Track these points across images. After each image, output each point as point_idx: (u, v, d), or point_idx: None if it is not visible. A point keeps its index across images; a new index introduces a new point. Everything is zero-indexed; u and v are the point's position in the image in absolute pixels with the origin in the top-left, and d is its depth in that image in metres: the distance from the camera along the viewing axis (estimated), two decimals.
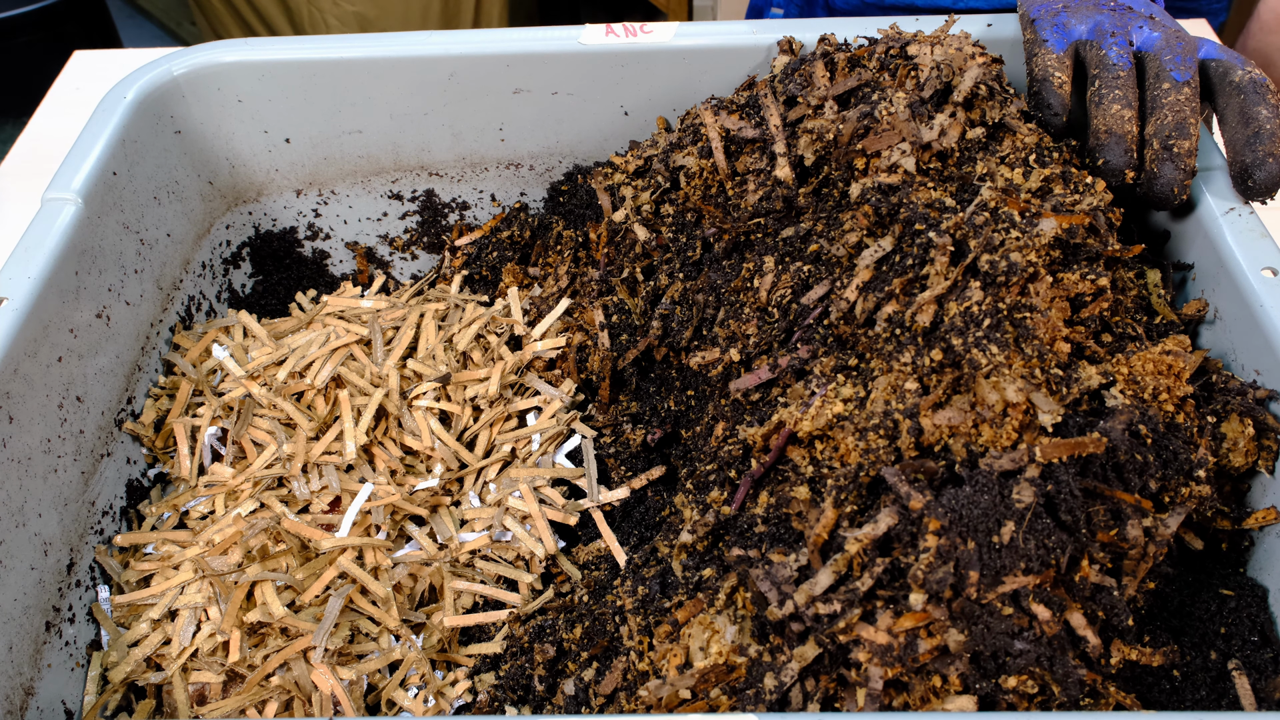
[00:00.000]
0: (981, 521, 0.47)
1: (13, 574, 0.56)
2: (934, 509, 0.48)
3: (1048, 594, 0.47)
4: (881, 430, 0.52)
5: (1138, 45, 0.65)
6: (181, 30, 2.53)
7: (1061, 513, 0.48)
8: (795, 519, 0.53)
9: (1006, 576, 0.47)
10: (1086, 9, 0.68)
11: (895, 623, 0.47)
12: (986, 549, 0.47)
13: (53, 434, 0.61)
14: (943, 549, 0.47)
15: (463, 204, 0.86)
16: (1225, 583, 0.55)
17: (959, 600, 0.47)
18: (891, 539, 0.49)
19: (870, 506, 0.51)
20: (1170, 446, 0.52)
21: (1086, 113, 0.64)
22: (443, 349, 0.74)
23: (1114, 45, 0.65)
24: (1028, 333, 0.52)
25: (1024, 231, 0.54)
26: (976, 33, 0.75)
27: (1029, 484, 0.48)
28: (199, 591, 0.61)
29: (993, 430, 0.50)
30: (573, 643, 0.59)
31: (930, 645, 0.46)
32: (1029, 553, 0.47)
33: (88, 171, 0.66)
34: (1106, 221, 0.58)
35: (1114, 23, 0.66)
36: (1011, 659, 0.47)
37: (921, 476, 0.50)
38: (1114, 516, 0.50)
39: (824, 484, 0.53)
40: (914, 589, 0.47)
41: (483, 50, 0.76)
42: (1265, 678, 0.51)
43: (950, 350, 0.52)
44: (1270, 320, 0.54)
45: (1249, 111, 0.60)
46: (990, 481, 0.48)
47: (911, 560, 0.48)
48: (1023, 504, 0.47)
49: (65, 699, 0.58)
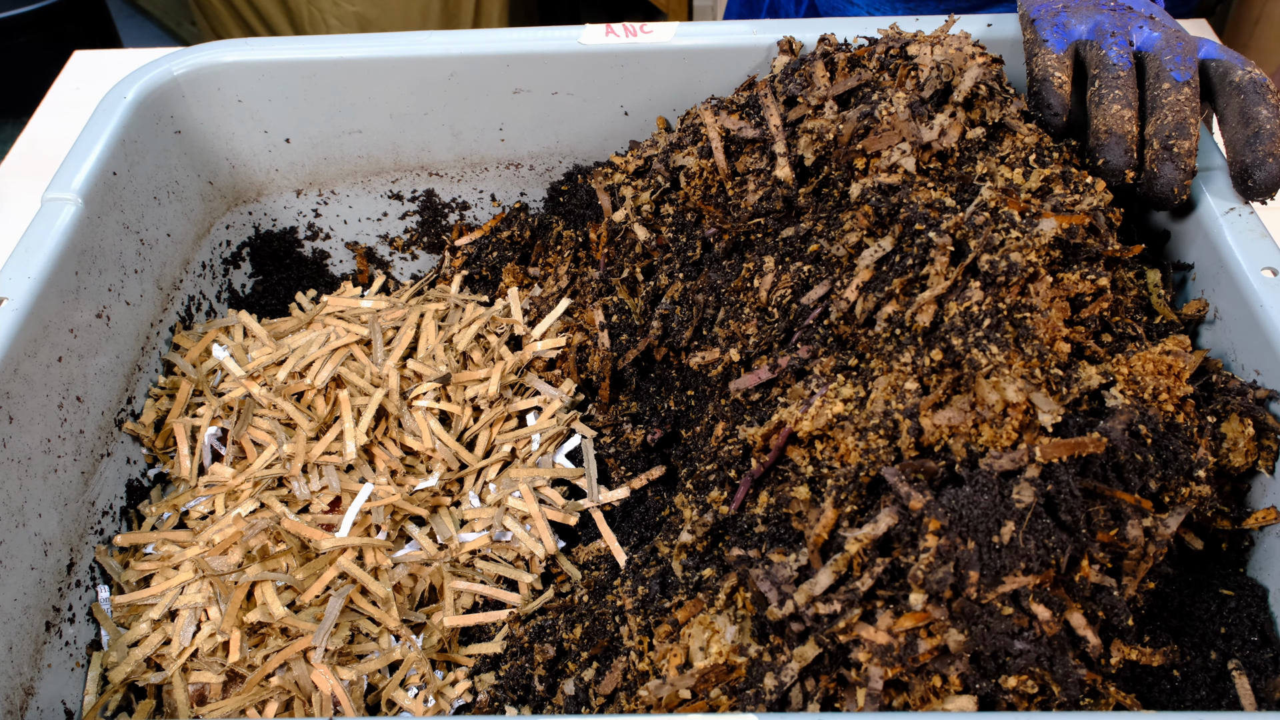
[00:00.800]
0: (981, 521, 0.47)
1: (13, 574, 0.56)
2: (934, 509, 0.48)
3: (1048, 594, 0.47)
4: (882, 430, 0.52)
5: (1138, 45, 0.65)
6: (181, 30, 2.53)
7: (1061, 512, 0.49)
8: (795, 519, 0.53)
9: (1006, 576, 0.47)
10: (1086, 9, 0.68)
11: (895, 623, 0.47)
12: (986, 549, 0.47)
13: (53, 434, 0.61)
14: (943, 549, 0.47)
15: (463, 204, 0.86)
16: (1225, 583, 0.55)
17: (959, 600, 0.47)
18: (891, 539, 0.49)
19: (870, 506, 0.51)
20: (1170, 446, 0.52)
21: (1086, 113, 0.64)
22: (442, 349, 0.74)
23: (1114, 45, 0.65)
24: (1028, 333, 0.52)
25: (1024, 231, 0.54)
26: (977, 32, 0.75)
27: (1029, 484, 0.48)
28: (199, 592, 0.61)
29: (993, 430, 0.50)
30: (573, 643, 0.59)
31: (930, 645, 0.46)
32: (1029, 553, 0.47)
33: (88, 171, 0.66)
34: (1106, 221, 0.58)
35: (1114, 22, 0.66)
36: (1011, 659, 0.47)
37: (921, 476, 0.50)
38: (1114, 516, 0.50)
39: (824, 484, 0.53)
40: (914, 589, 0.47)
41: (483, 50, 0.76)
42: (1265, 678, 0.51)
43: (950, 350, 0.52)
44: (1270, 320, 0.54)
45: (1249, 111, 0.60)
46: (990, 481, 0.48)
47: (911, 560, 0.48)
48: (1023, 504, 0.47)
49: (65, 699, 0.58)
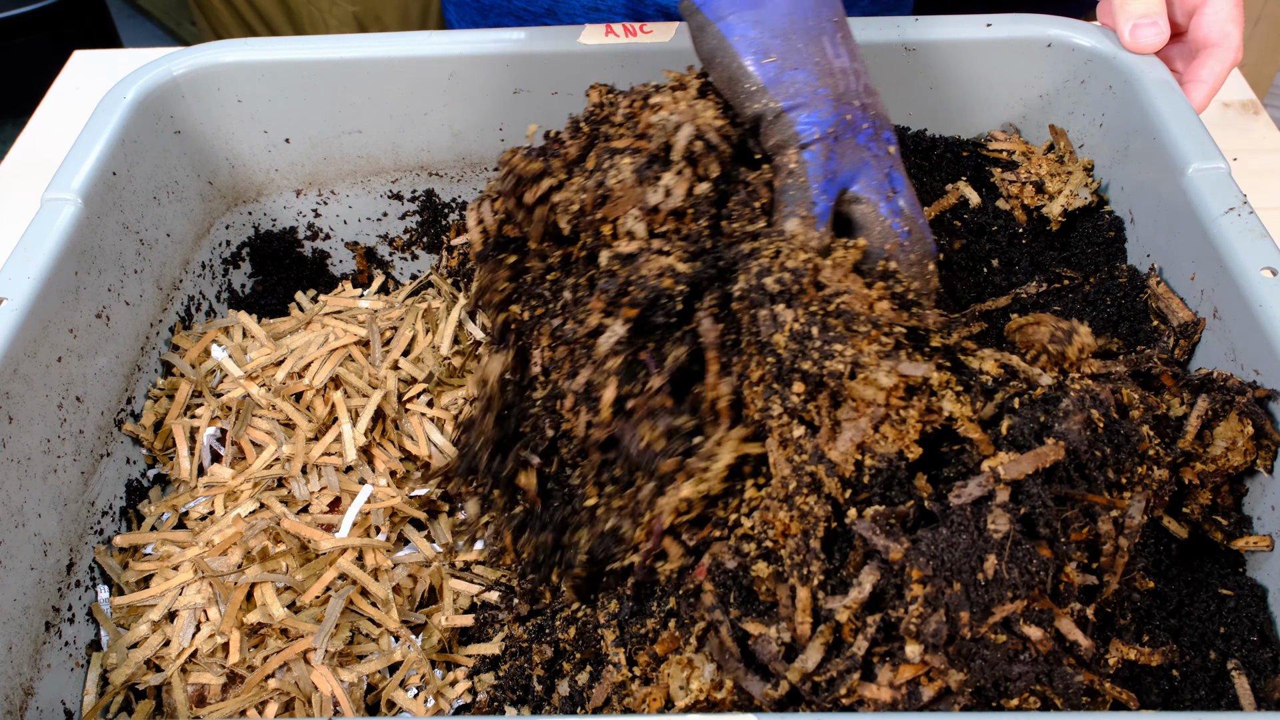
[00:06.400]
0: (964, 561, 0.47)
1: (12, 574, 0.56)
2: (914, 558, 0.47)
3: (1036, 613, 0.47)
4: (804, 489, 0.50)
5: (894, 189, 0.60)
6: (181, 30, 2.53)
7: (1040, 526, 0.48)
8: (764, 594, 0.52)
9: (996, 608, 0.46)
10: (851, 134, 0.58)
11: (895, 675, 0.46)
12: (973, 587, 0.46)
13: (53, 434, 0.61)
14: (930, 596, 0.46)
15: (463, 204, 0.86)
16: (1225, 583, 0.55)
17: (954, 644, 0.47)
18: (878, 595, 0.49)
19: (833, 556, 0.51)
20: (1121, 430, 0.52)
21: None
22: (431, 352, 0.74)
23: (890, 205, 0.58)
24: (851, 315, 0.51)
25: (776, 239, 0.54)
26: (977, 33, 0.75)
27: (1002, 510, 0.47)
28: (198, 592, 0.61)
29: (896, 429, 0.50)
30: (568, 643, 0.59)
31: (933, 690, 0.46)
32: (1015, 581, 0.47)
33: (87, 171, 0.66)
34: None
35: (875, 158, 0.58)
36: (1011, 683, 0.47)
37: (894, 522, 0.49)
38: (1085, 514, 0.50)
39: (778, 558, 0.52)
40: (909, 641, 0.46)
41: (483, 50, 0.76)
42: (1265, 678, 0.51)
43: (806, 375, 0.51)
44: (1270, 320, 0.54)
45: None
46: (965, 517, 0.48)
47: (902, 614, 0.47)
48: (1000, 533, 0.47)
49: (65, 699, 0.58)
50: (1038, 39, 0.74)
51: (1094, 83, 0.73)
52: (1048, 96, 0.77)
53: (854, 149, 0.57)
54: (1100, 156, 0.74)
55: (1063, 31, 0.74)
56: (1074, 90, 0.75)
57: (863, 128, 0.57)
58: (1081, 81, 0.74)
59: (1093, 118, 0.74)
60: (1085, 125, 0.75)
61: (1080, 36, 0.73)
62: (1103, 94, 0.73)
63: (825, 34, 0.57)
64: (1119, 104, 0.71)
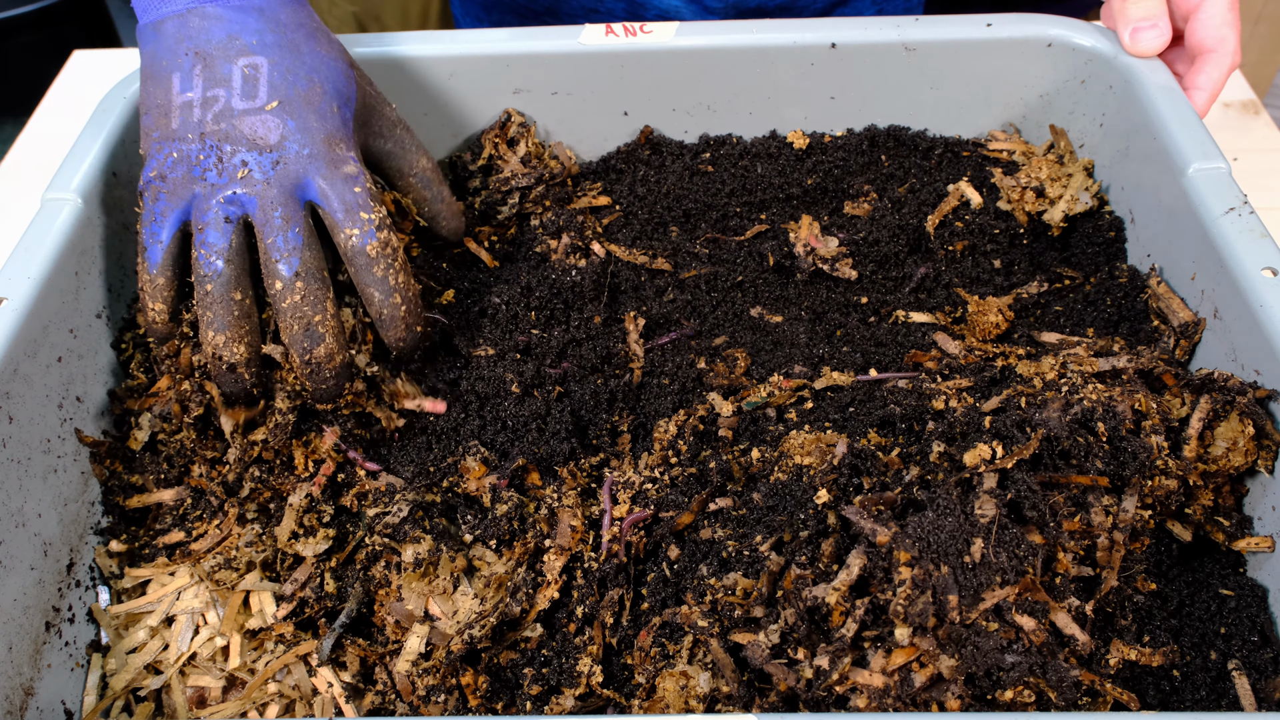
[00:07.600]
0: (950, 544, 0.47)
1: (13, 574, 0.56)
2: (901, 540, 0.47)
3: (1029, 602, 0.47)
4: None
5: (247, 210, 0.57)
6: None
7: (1026, 509, 0.49)
8: (739, 608, 0.52)
9: (985, 593, 0.47)
10: (185, 161, 0.57)
11: (887, 661, 0.47)
12: (960, 570, 0.47)
13: (53, 434, 0.61)
14: (918, 578, 0.47)
15: None
16: (1225, 583, 0.55)
17: (944, 627, 0.47)
18: (866, 579, 0.49)
19: (813, 545, 0.51)
20: (1129, 449, 0.52)
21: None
22: None
23: (210, 235, 0.55)
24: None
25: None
26: (977, 33, 0.74)
27: (989, 496, 0.48)
28: (196, 596, 0.61)
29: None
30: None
31: (925, 677, 0.46)
32: (1003, 565, 0.47)
33: (87, 171, 0.66)
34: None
35: (208, 189, 0.56)
36: (1004, 673, 0.47)
37: (882, 508, 0.50)
38: (1076, 504, 0.50)
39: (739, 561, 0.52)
40: (898, 624, 0.47)
41: (483, 50, 0.76)
42: (1265, 678, 0.51)
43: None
44: (1271, 320, 0.54)
45: (360, 289, 0.57)
46: (951, 502, 0.48)
47: (890, 596, 0.47)
48: (987, 518, 0.47)
49: (65, 699, 0.58)
50: (1038, 39, 0.74)
51: (1094, 82, 0.73)
52: (1048, 96, 0.77)
53: (186, 183, 0.57)
54: (1100, 156, 0.74)
55: (1063, 31, 0.74)
56: (1074, 90, 0.75)
57: (198, 159, 0.56)
58: (1082, 81, 0.74)
59: (1093, 118, 0.74)
60: (1085, 125, 0.75)
61: (1080, 36, 0.73)
62: (1103, 94, 0.73)
63: (178, 71, 0.57)
64: (1119, 104, 0.71)
